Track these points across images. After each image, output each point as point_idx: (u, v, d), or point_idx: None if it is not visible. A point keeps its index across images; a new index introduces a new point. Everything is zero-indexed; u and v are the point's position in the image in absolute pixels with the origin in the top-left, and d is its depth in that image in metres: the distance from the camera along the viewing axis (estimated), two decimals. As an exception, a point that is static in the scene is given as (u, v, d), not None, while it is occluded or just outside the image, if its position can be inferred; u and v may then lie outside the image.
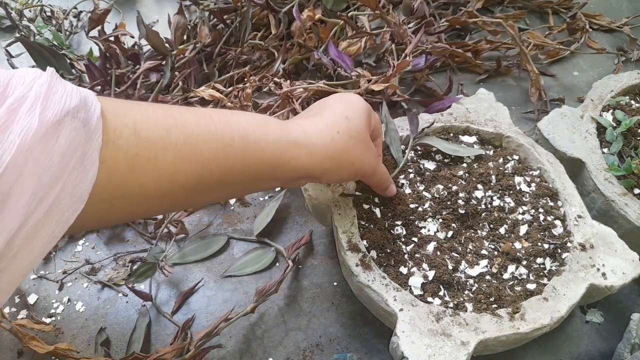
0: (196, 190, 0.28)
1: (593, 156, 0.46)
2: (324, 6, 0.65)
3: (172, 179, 0.27)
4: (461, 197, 0.42)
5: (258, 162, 0.31)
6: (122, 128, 0.24)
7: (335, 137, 0.34)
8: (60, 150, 0.21)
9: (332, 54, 0.57)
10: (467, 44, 0.66)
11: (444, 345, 0.33)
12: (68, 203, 0.21)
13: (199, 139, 0.28)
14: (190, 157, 0.27)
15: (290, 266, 0.45)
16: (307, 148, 0.33)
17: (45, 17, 0.75)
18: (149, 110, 0.27)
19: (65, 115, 0.21)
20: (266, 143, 0.31)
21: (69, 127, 0.21)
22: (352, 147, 0.35)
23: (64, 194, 0.21)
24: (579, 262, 0.38)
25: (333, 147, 0.34)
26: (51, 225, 0.21)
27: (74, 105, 0.22)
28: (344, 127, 0.35)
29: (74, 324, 0.45)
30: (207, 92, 0.54)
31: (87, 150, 0.22)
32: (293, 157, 0.32)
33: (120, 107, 0.26)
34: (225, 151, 0.29)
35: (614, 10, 0.76)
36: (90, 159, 0.22)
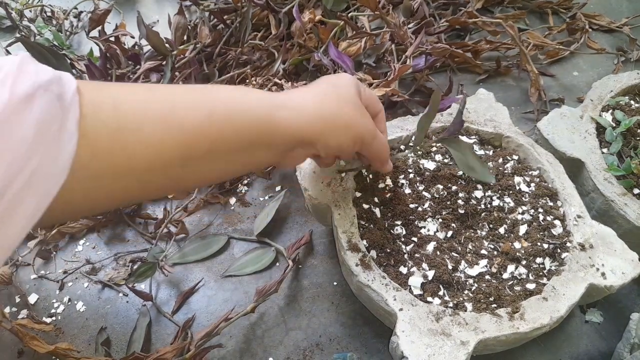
0: (187, 161, 0.28)
1: (592, 156, 0.46)
2: (324, 6, 0.65)
3: (159, 149, 0.26)
4: (461, 197, 0.42)
5: (245, 124, 0.30)
6: (101, 103, 0.25)
7: (325, 100, 0.33)
8: (35, 123, 0.21)
9: (332, 54, 0.57)
10: (467, 44, 0.66)
11: (443, 344, 0.33)
12: (49, 175, 0.22)
13: (181, 108, 0.27)
14: (175, 125, 0.27)
15: (290, 266, 0.45)
16: (295, 109, 0.32)
17: (45, 18, 0.75)
18: (128, 87, 0.27)
19: (37, 89, 0.21)
20: (250, 106, 0.30)
21: (41, 99, 0.21)
22: (345, 110, 0.34)
23: (44, 166, 0.21)
24: (579, 262, 0.38)
25: (323, 108, 0.33)
26: (33, 197, 0.21)
27: (46, 79, 0.22)
28: (332, 92, 0.34)
29: (75, 324, 0.45)
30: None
31: (64, 123, 0.22)
32: (282, 117, 0.31)
33: (98, 85, 0.26)
34: (209, 117, 0.28)
35: (613, 10, 0.76)
36: (68, 132, 0.22)
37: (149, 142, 0.26)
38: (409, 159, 0.44)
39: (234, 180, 0.56)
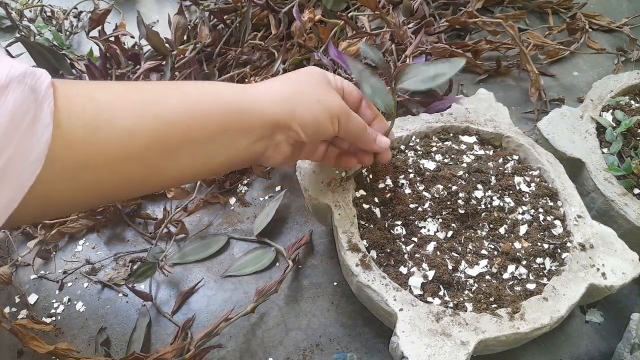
0: (163, 150, 0.28)
1: (593, 156, 0.46)
2: (324, 6, 0.65)
3: (135, 138, 0.26)
4: (461, 197, 0.42)
5: (217, 109, 0.30)
6: (76, 96, 0.25)
7: (287, 81, 0.34)
8: (8, 112, 0.21)
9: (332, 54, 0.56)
10: (467, 44, 0.66)
11: (443, 345, 0.33)
12: (24, 165, 0.22)
13: (155, 97, 0.28)
14: (149, 113, 0.27)
15: (290, 266, 0.45)
16: (261, 92, 0.33)
17: (45, 17, 0.75)
18: (103, 83, 0.28)
19: (10, 81, 0.22)
20: (220, 93, 0.31)
21: (15, 90, 0.22)
22: (311, 86, 0.34)
23: (18, 155, 0.21)
24: (579, 262, 0.38)
25: (287, 86, 0.34)
26: (8, 187, 0.21)
27: (20, 72, 0.22)
28: (294, 73, 0.35)
29: (74, 324, 0.45)
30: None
31: (38, 114, 0.22)
32: (250, 101, 0.32)
33: (74, 82, 0.27)
34: (183, 103, 0.29)
35: (613, 10, 0.76)
36: (42, 123, 0.23)
37: (122, 131, 0.26)
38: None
39: (234, 180, 0.56)
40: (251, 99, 0.32)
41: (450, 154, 0.46)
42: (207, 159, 0.31)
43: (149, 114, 0.27)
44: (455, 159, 0.46)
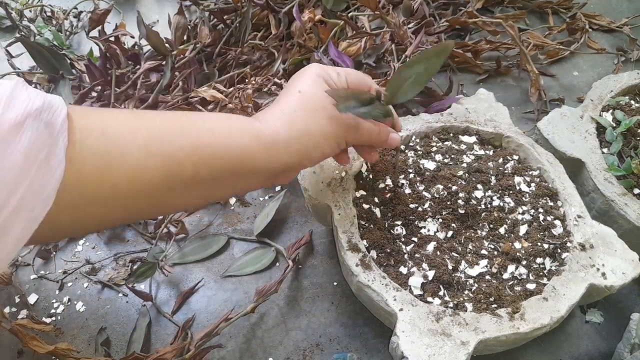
0: (170, 188, 0.28)
1: (593, 156, 0.46)
2: (324, 6, 0.65)
3: (143, 176, 0.27)
4: (461, 197, 0.42)
5: (227, 155, 0.30)
6: (89, 129, 0.25)
7: (294, 118, 0.33)
8: (24, 150, 0.21)
9: (332, 54, 0.57)
10: (467, 44, 0.66)
11: (443, 345, 0.33)
12: (36, 201, 0.22)
13: (166, 135, 0.28)
14: (159, 152, 0.27)
15: (290, 266, 0.45)
16: (270, 137, 0.32)
17: (45, 17, 0.75)
18: (116, 112, 0.28)
19: (27, 117, 0.22)
20: (230, 137, 0.31)
21: (31, 127, 0.22)
22: (315, 120, 0.33)
23: (31, 192, 0.22)
24: (579, 262, 0.38)
25: (295, 129, 0.33)
26: (20, 223, 0.21)
27: (37, 107, 0.22)
28: (300, 103, 0.34)
29: (74, 324, 0.45)
30: (208, 92, 0.54)
31: (52, 150, 0.22)
32: (260, 148, 0.31)
33: (87, 111, 0.26)
34: (193, 146, 0.29)
35: (613, 10, 0.76)
36: (56, 159, 0.23)
37: (132, 169, 0.26)
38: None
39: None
40: (261, 145, 0.31)
41: (450, 154, 0.46)
42: (212, 193, 0.32)
43: (158, 153, 0.27)
44: (455, 159, 0.46)
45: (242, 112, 0.54)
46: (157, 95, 0.57)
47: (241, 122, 0.32)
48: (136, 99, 0.57)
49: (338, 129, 0.34)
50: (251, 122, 0.33)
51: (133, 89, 0.59)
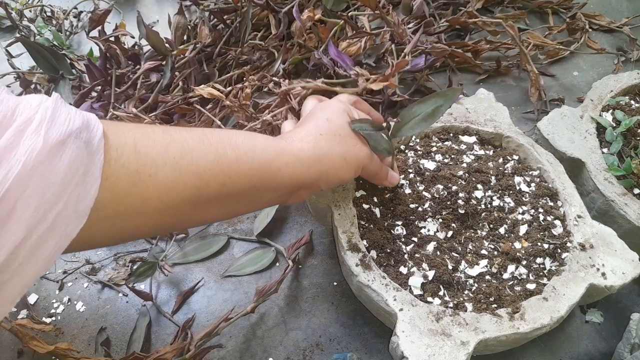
0: (195, 204, 0.29)
1: (593, 156, 0.46)
2: (324, 6, 0.65)
3: (171, 193, 0.28)
4: (461, 197, 0.42)
5: (251, 171, 0.31)
6: (123, 147, 0.26)
7: (319, 139, 0.35)
8: (64, 169, 0.22)
9: (332, 53, 0.57)
10: (467, 44, 0.66)
11: (443, 345, 0.33)
12: (71, 218, 0.22)
13: (194, 153, 0.29)
14: (188, 170, 0.28)
15: (290, 266, 0.45)
16: (294, 154, 0.34)
17: (45, 17, 0.75)
18: (148, 129, 0.28)
19: (68, 136, 0.22)
20: (255, 153, 0.32)
21: (72, 146, 0.22)
22: (338, 144, 0.36)
23: (67, 209, 0.22)
24: (579, 262, 0.38)
25: (318, 148, 0.35)
26: (54, 239, 0.22)
27: (77, 127, 0.23)
28: (325, 128, 0.36)
29: (74, 324, 0.45)
30: (206, 90, 0.54)
31: (89, 168, 0.23)
32: (283, 164, 0.33)
33: (120, 128, 0.27)
34: (219, 162, 0.30)
35: (613, 10, 0.76)
36: (92, 176, 0.23)
37: (162, 186, 0.27)
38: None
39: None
40: (284, 161, 0.33)
41: (450, 154, 0.46)
42: (233, 209, 0.34)
43: (187, 171, 0.28)
44: (455, 159, 0.46)
45: (241, 110, 0.54)
46: (157, 95, 0.57)
47: (265, 139, 0.34)
48: (136, 99, 0.57)
49: (358, 156, 0.37)
50: (276, 140, 0.34)
51: (133, 89, 0.59)
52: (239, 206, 0.34)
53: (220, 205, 0.31)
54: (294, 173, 0.33)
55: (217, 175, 0.30)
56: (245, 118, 0.54)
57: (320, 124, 0.36)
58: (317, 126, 0.36)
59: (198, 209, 0.30)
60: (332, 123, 0.36)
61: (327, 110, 0.38)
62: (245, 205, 0.34)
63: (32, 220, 0.20)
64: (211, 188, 0.29)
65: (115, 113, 0.54)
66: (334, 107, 0.38)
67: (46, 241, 0.21)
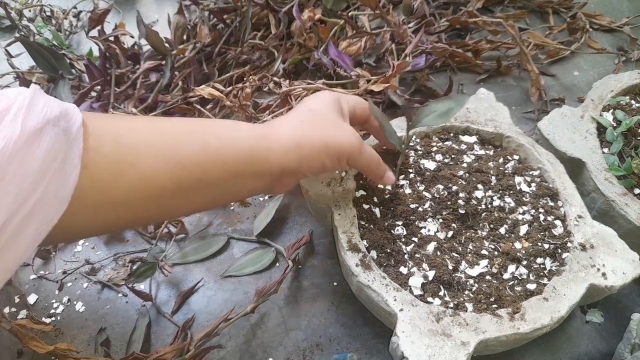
0: (178, 191, 0.29)
1: (593, 156, 0.46)
2: (324, 6, 0.65)
3: (153, 181, 0.28)
4: (461, 197, 0.42)
5: (232, 156, 0.31)
6: (103, 136, 0.26)
7: (298, 125, 0.35)
8: (41, 155, 0.22)
9: (332, 53, 0.57)
10: (467, 44, 0.66)
11: (444, 345, 0.33)
12: (51, 204, 0.23)
13: (177, 141, 0.29)
14: (170, 158, 0.28)
15: (290, 266, 0.45)
16: (275, 139, 0.33)
17: (45, 17, 0.75)
18: (129, 119, 0.29)
19: (46, 124, 0.23)
20: (237, 139, 0.32)
21: (49, 134, 0.23)
22: (319, 131, 0.35)
23: (46, 195, 0.22)
24: (579, 262, 0.38)
25: (297, 133, 0.34)
26: (34, 225, 0.22)
27: (55, 115, 0.23)
28: (307, 116, 0.36)
29: (74, 324, 0.45)
30: (206, 90, 0.54)
31: (68, 155, 0.23)
32: (264, 149, 0.33)
33: (101, 118, 0.27)
34: (202, 150, 0.30)
35: (614, 10, 0.76)
36: (71, 164, 0.23)
37: (144, 174, 0.27)
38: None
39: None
40: (265, 146, 0.33)
41: (450, 154, 0.46)
42: (216, 197, 0.33)
43: (169, 158, 0.28)
44: (456, 159, 0.46)
45: (241, 110, 0.54)
46: (157, 94, 0.57)
47: (248, 127, 0.34)
48: (136, 98, 0.56)
49: (340, 144, 0.35)
50: (259, 127, 0.34)
51: (133, 88, 0.58)
52: (223, 195, 0.34)
53: (203, 194, 0.31)
54: (274, 158, 0.33)
55: (200, 163, 0.30)
56: (246, 118, 0.54)
57: (304, 112, 0.36)
58: (300, 113, 0.36)
59: (181, 198, 0.30)
60: (316, 111, 0.36)
61: (312, 101, 0.37)
62: (229, 194, 0.34)
63: (12, 206, 0.21)
64: (193, 176, 0.29)
65: (114, 113, 0.54)
66: (321, 98, 0.38)
67: (27, 226, 0.22)
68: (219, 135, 0.31)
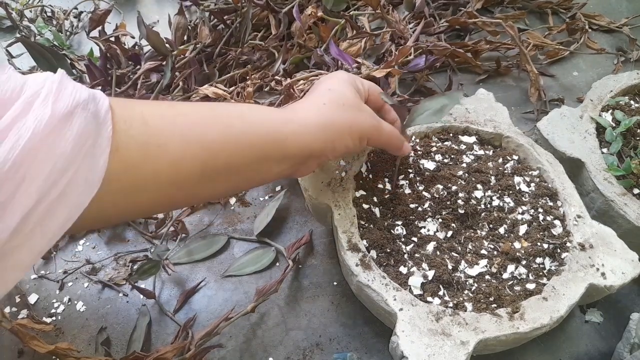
0: (204, 176, 0.29)
1: (592, 156, 0.46)
2: (324, 6, 0.65)
3: (181, 164, 0.28)
4: (461, 197, 0.42)
5: (258, 140, 0.31)
6: (131, 119, 0.26)
7: (322, 108, 0.35)
8: (72, 138, 0.22)
9: (333, 52, 0.57)
10: (466, 44, 0.66)
11: (443, 344, 0.33)
12: (81, 187, 0.23)
13: (202, 124, 0.29)
14: (196, 141, 0.28)
15: (290, 266, 0.45)
16: (300, 123, 0.33)
17: (45, 18, 0.75)
18: (153, 104, 0.29)
19: (75, 107, 0.23)
20: (262, 122, 0.32)
21: (79, 117, 0.23)
22: (342, 113, 0.35)
23: (77, 178, 0.22)
24: (579, 262, 0.38)
25: (322, 116, 0.34)
26: (66, 207, 0.22)
27: (84, 99, 0.23)
28: (328, 97, 0.36)
29: (75, 324, 0.45)
30: (210, 89, 0.54)
31: (97, 139, 0.24)
32: (290, 132, 0.33)
33: (127, 102, 0.27)
34: (226, 133, 0.30)
35: (613, 10, 0.76)
36: (100, 147, 0.24)
37: (172, 157, 0.27)
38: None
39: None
40: (291, 129, 0.33)
41: (450, 154, 0.46)
42: (241, 182, 0.34)
43: (195, 142, 0.28)
44: (455, 159, 0.46)
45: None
46: (158, 95, 0.57)
47: (270, 111, 0.34)
48: (137, 99, 0.57)
49: (362, 125, 0.36)
50: (281, 111, 0.35)
51: (133, 89, 0.59)
52: (249, 179, 0.34)
53: (229, 178, 0.31)
54: (302, 141, 0.33)
55: (225, 147, 0.30)
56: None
57: (324, 93, 0.36)
58: (321, 95, 0.36)
59: (207, 181, 0.30)
60: (335, 92, 0.36)
61: (330, 81, 0.37)
62: (254, 178, 0.34)
63: (44, 187, 0.21)
64: (219, 159, 0.29)
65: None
66: (338, 77, 0.38)
67: (57, 208, 0.22)
68: (244, 119, 0.31)
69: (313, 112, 0.34)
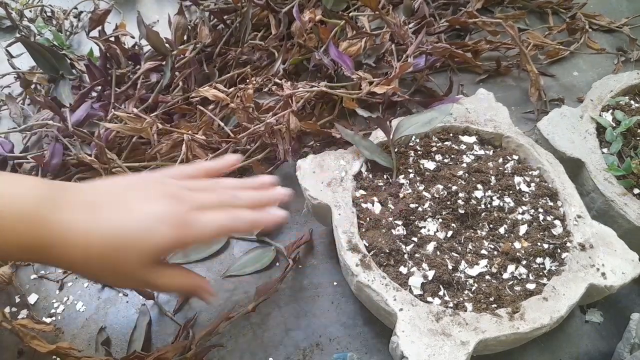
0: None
1: (593, 156, 0.46)
2: (324, 6, 0.65)
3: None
4: (461, 197, 0.42)
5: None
6: None
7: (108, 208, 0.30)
8: None
9: (332, 54, 0.57)
10: (467, 44, 0.66)
11: (443, 344, 0.33)
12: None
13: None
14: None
15: (290, 265, 0.45)
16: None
17: (45, 18, 0.75)
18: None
19: None
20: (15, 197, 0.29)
21: None
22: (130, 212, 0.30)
23: None
24: (579, 262, 0.38)
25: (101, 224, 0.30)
26: None
27: None
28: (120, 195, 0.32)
29: (75, 324, 0.45)
30: (210, 92, 0.54)
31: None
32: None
33: None
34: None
35: (613, 10, 0.76)
36: None
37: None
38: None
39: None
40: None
41: (450, 154, 0.46)
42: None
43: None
44: (455, 159, 0.46)
45: (244, 112, 0.54)
46: (157, 95, 0.57)
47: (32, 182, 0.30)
48: (136, 99, 0.57)
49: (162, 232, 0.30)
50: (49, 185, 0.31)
51: (133, 89, 0.59)
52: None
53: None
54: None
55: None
56: (247, 119, 0.54)
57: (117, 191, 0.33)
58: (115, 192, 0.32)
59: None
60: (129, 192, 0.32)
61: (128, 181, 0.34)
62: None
63: None
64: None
65: (115, 113, 0.54)
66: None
67: None
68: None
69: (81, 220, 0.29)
